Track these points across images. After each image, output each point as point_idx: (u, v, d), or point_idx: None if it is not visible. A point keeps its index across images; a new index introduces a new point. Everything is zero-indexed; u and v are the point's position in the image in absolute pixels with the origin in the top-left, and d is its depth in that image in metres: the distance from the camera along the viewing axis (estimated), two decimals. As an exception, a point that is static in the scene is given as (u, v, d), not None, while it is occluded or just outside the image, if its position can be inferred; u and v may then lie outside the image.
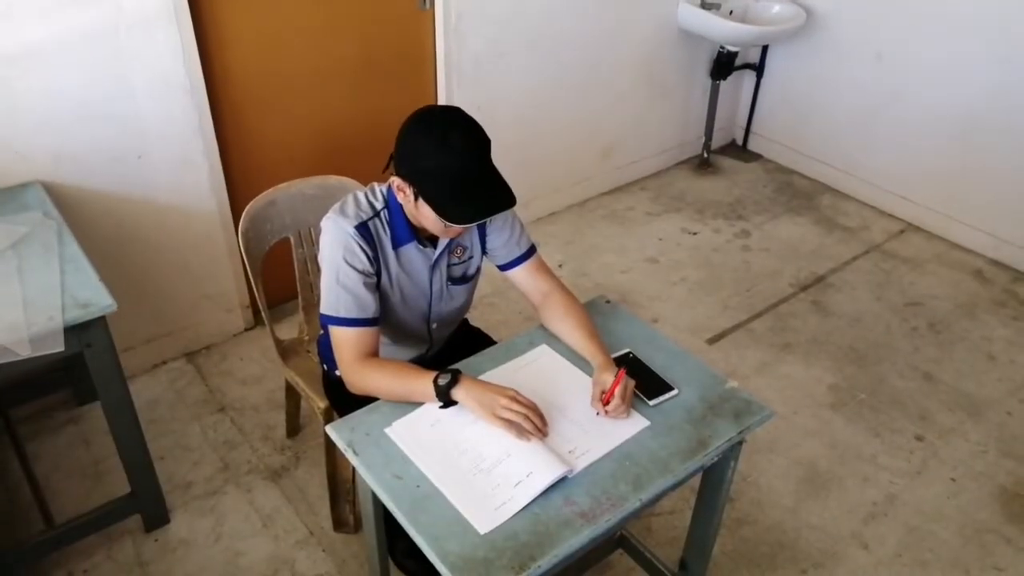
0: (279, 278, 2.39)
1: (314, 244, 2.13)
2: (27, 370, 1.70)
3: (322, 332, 1.88)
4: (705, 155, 4.03)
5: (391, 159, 1.55)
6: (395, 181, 1.56)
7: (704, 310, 3.07)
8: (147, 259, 2.52)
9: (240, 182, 2.61)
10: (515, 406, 1.45)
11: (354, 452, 1.43)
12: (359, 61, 2.71)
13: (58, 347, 1.68)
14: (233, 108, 2.53)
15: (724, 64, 3.73)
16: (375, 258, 1.62)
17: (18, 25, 2.02)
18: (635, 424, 1.50)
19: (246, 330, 2.86)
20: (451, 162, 1.46)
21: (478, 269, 1.81)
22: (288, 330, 2.42)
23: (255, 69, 2.51)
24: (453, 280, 1.77)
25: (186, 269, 2.62)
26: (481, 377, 1.56)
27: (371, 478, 1.40)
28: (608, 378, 1.52)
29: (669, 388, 1.58)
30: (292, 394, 2.35)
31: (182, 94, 2.34)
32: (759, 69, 3.96)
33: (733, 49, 3.67)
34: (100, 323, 1.78)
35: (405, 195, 1.55)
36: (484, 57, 2.99)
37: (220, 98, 2.48)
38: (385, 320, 1.71)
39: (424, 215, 1.54)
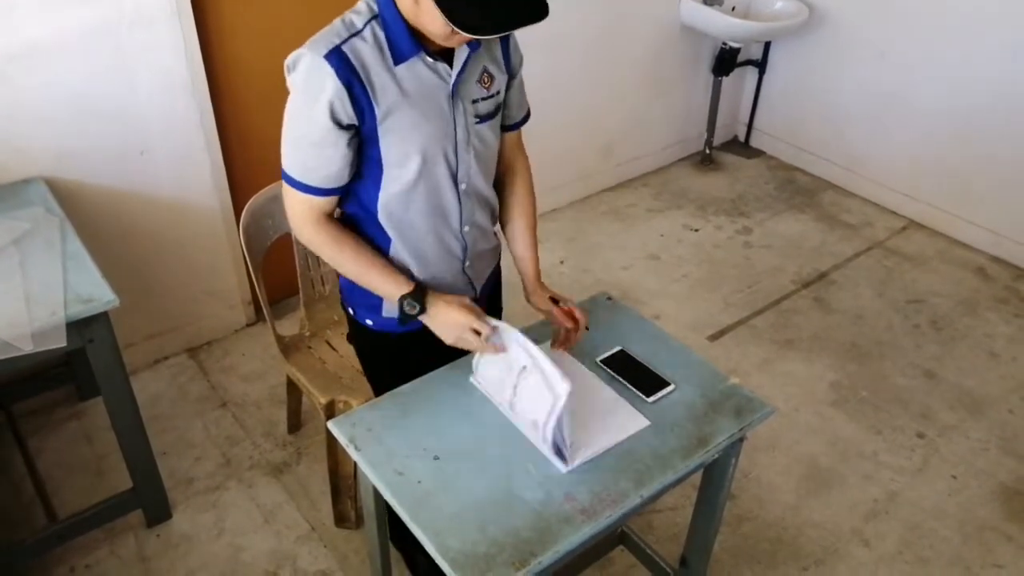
0: (281, 273, 2.40)
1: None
2: (30, 365, 1.71)
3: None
4: (707, 151, 4.02)
5: None
6: None
7: (706, 307, 3.07)
8: (149, 255, 2.52)
9: (242, 178, 2.61)
10: (471, 340, 1.44)
11: (356, 448, 1.43)
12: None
13: (60, 342, 1.68)
14: (235, 104, 2.53)
15: (726, 60, 3.73)
16: (358, 94, 1.29)
17: (21, 22, 2.03)
18: (635, 423, 1.50)
19: (248, 326, 2.87)
20: None
21: (500, 107, 1.49)
22: (290, 326, 2.43)
23: (257, 65, 2.51)
24: (480, 117, 1.43)
25: (188, 265, 2.62)
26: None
27: (373, 474, 1.40)
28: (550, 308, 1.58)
29: (666, 383, 1.58)
30: (293, 390, 2.35)
31: (184, 90, 2.34)
32: (761, 65, 3.95)
33: (735, 45, 3.67)
34: (102, 318, 1.78)
35: None
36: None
37: (222, 94, 2.48)
38: (399, 186, 1.41)
39: (426, 15, 1.24)
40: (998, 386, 2.73)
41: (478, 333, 1.44)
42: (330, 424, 1.49)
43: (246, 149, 2.62)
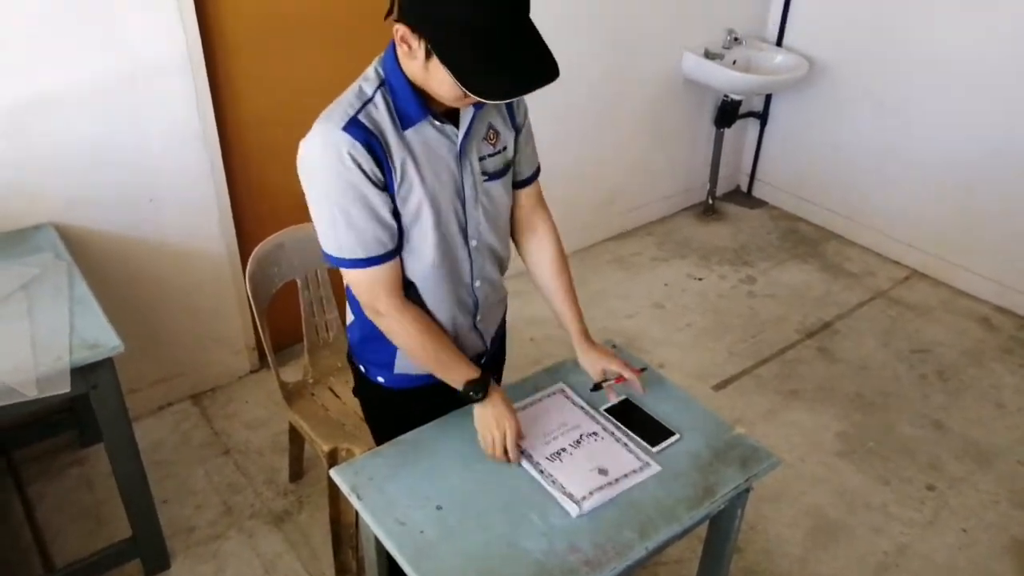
0: (285, 320, 2.40)
1: (319, 287, 2.15)
2: (33, 411, 1.71)
3: (352, 319, 1.59)
4: (710, 201, 4.06)
5: (396, 1, 1.22)
6: (399, 31, 1.22)
7: (710, 356, 3.06)
8: (155, 301, 2.53)
9: (249, 226, 2.64)
10: (496, 451, 1.48)
11: (358, 496, 1.42)
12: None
13: (64, 388, 1.68)
14: (244, 154, 2.58)
15: (728, 112, 3.78)
16: (382, 157, 1.29)
17: (39, 73, 2.08)
18: (646, 469, 1.49)
19: (252, 372, 2.86)
20: (482, 12, 1.14)
21: (509, 164, 1.50)
22: (293, 372, 2.42)
23: (267, 117, 2.56)
24: (488, 175, 1.45)
25: (194, 311, 2.63)
26: None
27: (374, 523, 1.39)
28: (608, 365, 1.62)
29: (671, 433, 1.57)
30: (296, 437, 2.34)
31: (195, 141, 2.39)
32: (763, 117, 4.01)
33: (737, 98, 3.73)
34: (107, 364, 1.78)
35: (411, 51, 1.22)
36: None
37: (231, 144, 2.53)
38: (412, 244, 1.40)
39: (436, 80, 1.23)
40: (1006, 437, 2.70)
41: (505, 452, 1.49)
42: (332, 472, 1.48)
43: (254, 197, 2.65)
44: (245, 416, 2.68)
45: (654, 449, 1.54)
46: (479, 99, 1.20)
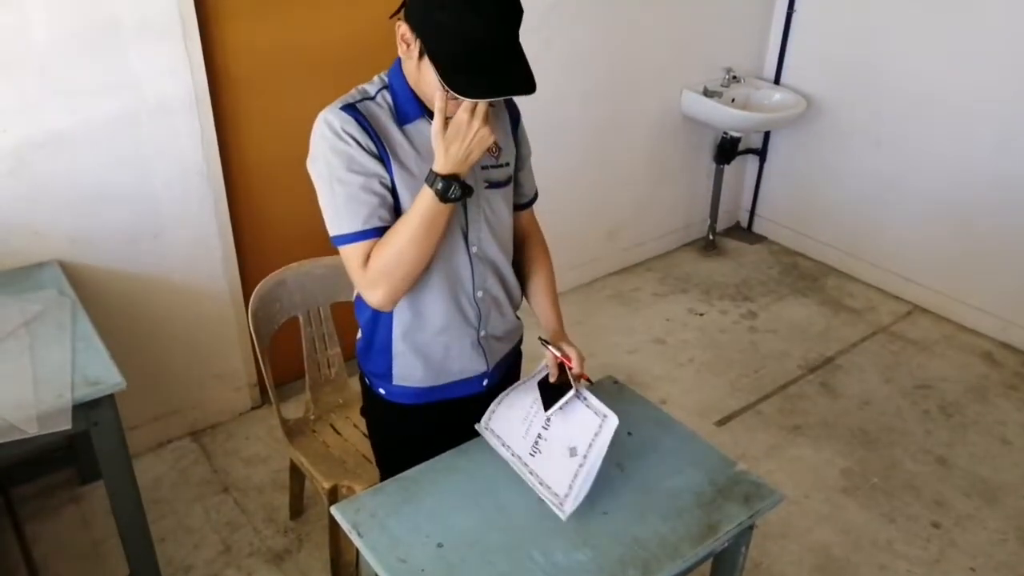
0: (286, 357, 2.40)
1: (322, 323, 2.16)
2: (33, 448, 1.70)
3: (359, 336, 1.63)
4: (710, 237, 4.08)
5: (404, 2, 1.34)
6: (401, 29, 1.33)
7: (712, 391, 3.05)
8: (157, 337, 2.54)
9: (252, 262, 2.65)
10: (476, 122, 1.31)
11: (358, 534, 1.41)
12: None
13: (65, 425, 1.68)
14: (248, 191, 2.60)
15: (727, 149, 3.82)
16: (376, 140, 1.38)
17: (45, 112, 2.11)
18: (605, 425, 1.45)
19: (253, 408, 2.85)
20: (474, 23, 1.24)
21: (511, 179, 1.56)
22: (294, 410, 2.42)
23: (270, 154, 2.58)
24: (490, 183, 1.50)
25: (195, 347, 2.64)
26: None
27: (375, 561, 1.37)
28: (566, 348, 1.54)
29: (568, 388, 1.50)
30: (296, 474, 2.32)
31: (200, 179, 2.41)
32: (762, 154, 4.05)
33: (736, 135, 3.77)
34: (108, 401, 1.78)
35: (408, 49, 1.33)
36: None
37: (236, 181, 2.55)
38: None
39: (425, 78, 1.33)
40: (1012, 473, 2.68)
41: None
42: (333, 509, 1.47)
43: (257, 234, 2.67)
44: (245, 453, 2.67)
45: (547, 413, 1.50)
46: (458, 96, 1.26)
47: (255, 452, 2.67)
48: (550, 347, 1.54)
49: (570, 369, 1.51)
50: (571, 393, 1.48)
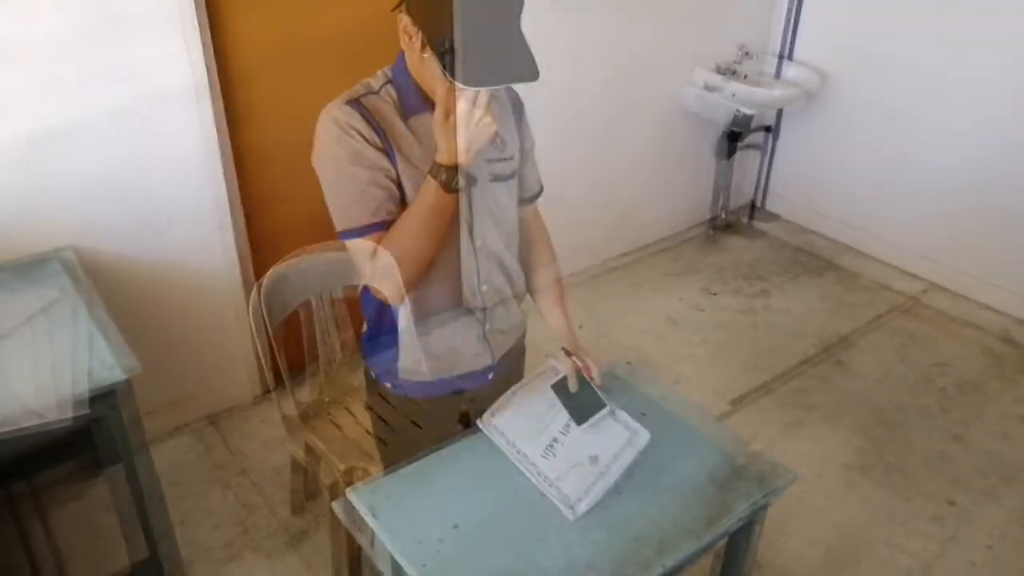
0: (299, 342, 2.41)
1: (334, 307, 2.16)
2: (50, 434, 1.71)
3: (365, 329, 1.65)
4: (723, 216, 4.05)
5: None
6: (404, 22, 1.34)
7: (726, 372, 3.04)
8: (171, 323, 2.55)
9: (263, 249, 2.66)
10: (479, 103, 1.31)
11: (374, 516, 1.42)
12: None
13: (84, 410, 1.69)
14: (258, 179, 2.60)
15: (740, 127, 3.78)
16: (379, 133, 1.38)
17: (55, 104, 2.12)
18: (635, 441, 1.52)
19: (265, 393, 2.87)
20: (476, 11, 1.24)
21: (515, 173, 1.56)
22: (308, 393, 2.43)
23: (281, 142, 2.58)
24: (495, 176, 1.50)
25: (209, 333, 2.65)
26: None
27: (391, 542, 1.38)
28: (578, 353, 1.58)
29: (602, 406, 1.55)
30: (311, 455, 2.34)
31: (208, 167, 2.41)
32: (774, 132, 4.01)
33: (749, 112, 3.73)
34: (125, 386, 1.80)
35: (411, 41, 1.34)
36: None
37: (245, 170, 2.55)
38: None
39: (427, 69, 1.34)
40: (1029, 451, 2.67)
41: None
42: (348, 492, 1.48)
43: (267, 221, 2.67)
44: (261, 436, 2.69)
45: (580, 427, 1.52)
46: (459, 85, 1.25)
47: (271, 435, 2.69)
48: (571, 357, 1.58)
49: (591, 379, 1.55)
50: (605, 411, 1.53)
